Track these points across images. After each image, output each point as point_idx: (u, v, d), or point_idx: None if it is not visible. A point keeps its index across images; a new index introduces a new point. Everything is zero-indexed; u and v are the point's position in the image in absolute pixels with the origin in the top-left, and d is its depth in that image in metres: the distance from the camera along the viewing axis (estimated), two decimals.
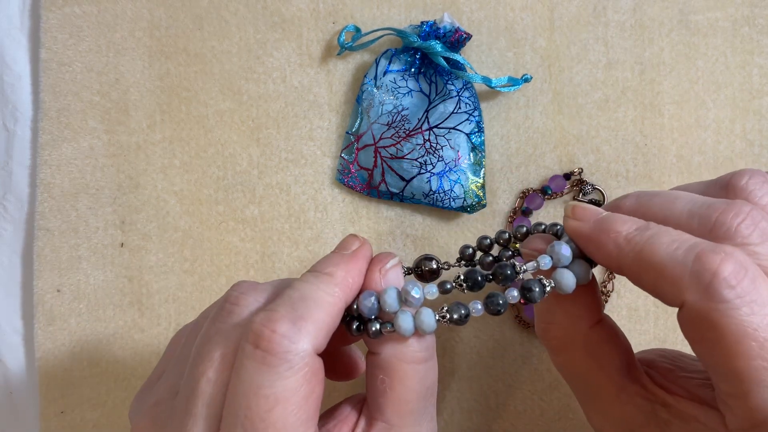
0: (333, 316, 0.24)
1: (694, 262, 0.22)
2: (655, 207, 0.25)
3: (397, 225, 0.42)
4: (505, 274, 0.25)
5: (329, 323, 0.24)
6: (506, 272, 0.25)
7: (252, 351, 0.22)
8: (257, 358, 0.22)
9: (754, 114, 0.41)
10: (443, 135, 0.40)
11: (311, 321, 0.23)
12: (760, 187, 0.24)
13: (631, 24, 0.42)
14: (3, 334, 0.43)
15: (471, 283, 0.25)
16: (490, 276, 0.26)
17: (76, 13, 0.43)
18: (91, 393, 0.42)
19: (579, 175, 0.41)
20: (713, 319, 0.21)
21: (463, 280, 0.26)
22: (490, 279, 0.26)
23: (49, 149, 0.43)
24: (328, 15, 0.43)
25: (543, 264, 0.25)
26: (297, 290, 0.24)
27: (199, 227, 0.42)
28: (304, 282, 0.25)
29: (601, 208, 0.26)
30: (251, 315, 0.25)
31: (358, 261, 0.26)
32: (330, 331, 0.24)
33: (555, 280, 0.25)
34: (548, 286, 0.25)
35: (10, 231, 0.44)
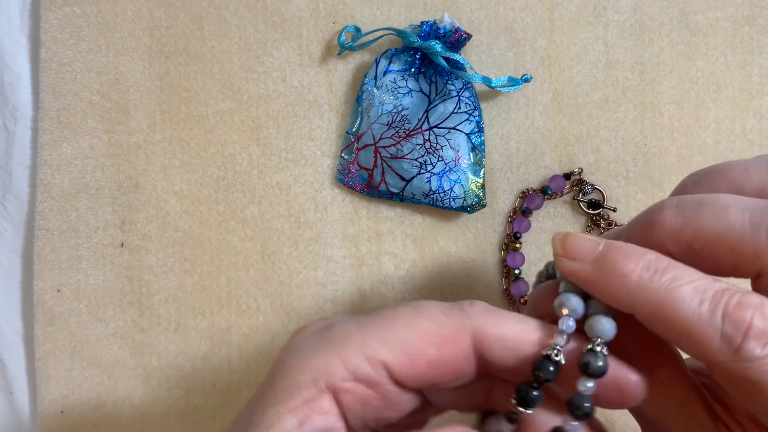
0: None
1: (723, 321, 0.20)
2: (706, 223, 0.21)
3: (397, 225, 0.42)
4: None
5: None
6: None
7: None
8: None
9: (754, 114, 0.41)
10: (443, 135, 0.40)
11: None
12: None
13: (631, 24, 0.42)
14: (3, 334, 0.43)
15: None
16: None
17: (76, 13, 0.43)
18: (91, 393, 0.42)
19: (579, 175, 0.41)
20: (749, 376, 0.20)
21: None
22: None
23: (49, 149, 0.43)
24: (328, 15, 0.43)
25: (568, 327, 0.22)
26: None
27: (199, 227, 0.42)
28: None
29: (618, 229, 0.23)
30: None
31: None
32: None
33: (590, 332, 0.22)
34: (600, 348, 0.22)
35: (10, 231, 0.44)
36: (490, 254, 0.42)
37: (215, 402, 0.42)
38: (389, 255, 0.42)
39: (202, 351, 0.42)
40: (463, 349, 0.22)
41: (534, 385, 0.22)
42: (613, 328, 0.22)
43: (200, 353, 0.42)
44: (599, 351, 0.21)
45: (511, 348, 0.22)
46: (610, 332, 0.22)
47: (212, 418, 0.41)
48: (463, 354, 0.22)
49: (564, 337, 0.22)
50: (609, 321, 0.22)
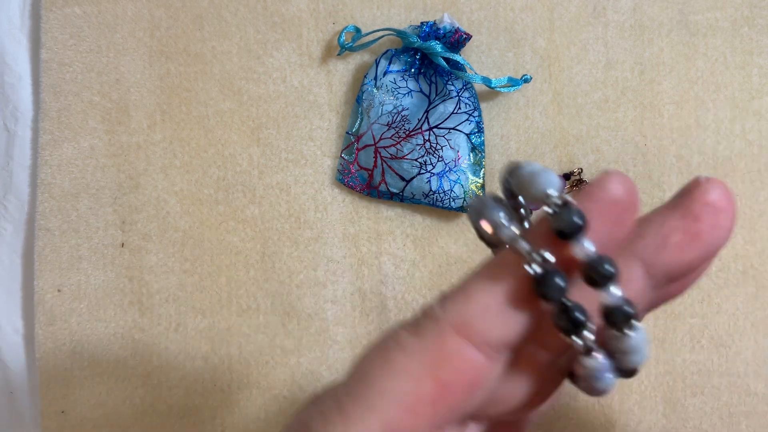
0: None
1: None
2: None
3: (397, 225, 0.42)
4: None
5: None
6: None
7: None
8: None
9: (754, 114, 0.41)
10: (443, 135, 0.40)
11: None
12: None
13: (630, 24, 0.42)
14: (3, 333, 0.43)
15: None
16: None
17: (76, 14, 0.43)
18: (91, 393, 0.42)
19: (579, 175, 0.41)
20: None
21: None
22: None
23: (49, 149, 0.43)
24: (328, 15, 0.43)
25: (507, 235, 0.18)
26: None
27: (200, 227, 0.42)
28: None
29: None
30: None
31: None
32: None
33: (535, 193, 0.18)
34: (560, 202, 0.17)
35: (11, 231, 0.44)
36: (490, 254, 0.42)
37: (215, 402, 0.42)
38: (389, 255, 0.42)
39: (202, 351, 0.42)
40: (459, 357, 0.18)
41: (562, 311, 0.17)
42: (557, 178, 0.18)
43: (200, 353, 0.42)
44: (559, 205, 0.17)
45: (501, 312, 0.18)
46: (555, 181, 0.18)
47: (212, 418, 0.41)
48: (463, 361, 0.18)
49: (521, 244, 0.17)
50: (549, 172, 0.18)
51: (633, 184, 0.18)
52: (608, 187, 0.17)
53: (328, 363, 0.41)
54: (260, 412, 0.41)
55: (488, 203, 0.18)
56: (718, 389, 0.40)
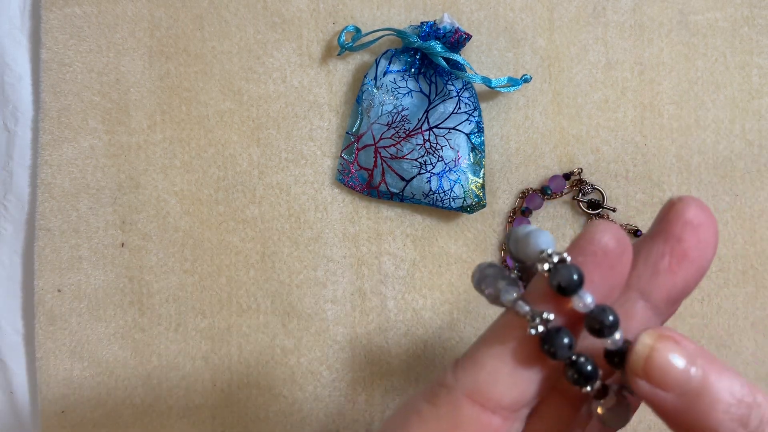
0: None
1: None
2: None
3: (397, 225, 0.42)
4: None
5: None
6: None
7: None
8: None
9: (754, 114, 0.41)
10: (443, 135, 0.40)
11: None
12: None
13: (630, 24, 0.42)
14: (4, 333, 0.43)
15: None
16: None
17: (76, 14, 0.43)
18: (91, 393, 0.42)
19: (579, 175, 0.41)
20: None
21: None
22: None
23: (49, 149, 0.43)
24: (328, 15, 0.43)
25: (509, 300, 0.19)
26: None
27: (200, 227, 0.42)
28: None
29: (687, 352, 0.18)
30: None
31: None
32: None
33: (531, 252, 0.19)
34: (555, 258, 0.18)
35: (11, 231, 0.44)
36: (490, 254, 0.42)
37: (215, 402, 0.42)
38: (389, 255, 0.42)
39: (202, 351, 0.42)
40: (475, 424, 0.18)
41: (571, 366, 0.18)
42: (551, 238, 0.19)
43: (200, 353, 0.42)
44: (555, 262, 0.18)
45: (511, 374, 0.18)
46: (550, 242, 0.18)
47: (212, 418, 0.41)
48: (479, 428, 0.18)
49: (520, 306, 0.18)
50: (542, 233, 0.19)
51: (622, 232, 0.18)
52: (598, 239, 0.18)
53: (328, 363, 0.41)
54: (260, 412, 0.41)
55: (487, 271, 0.19)
56: None
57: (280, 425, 0.41)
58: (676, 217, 0.19)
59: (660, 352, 0.18)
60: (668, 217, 0.19)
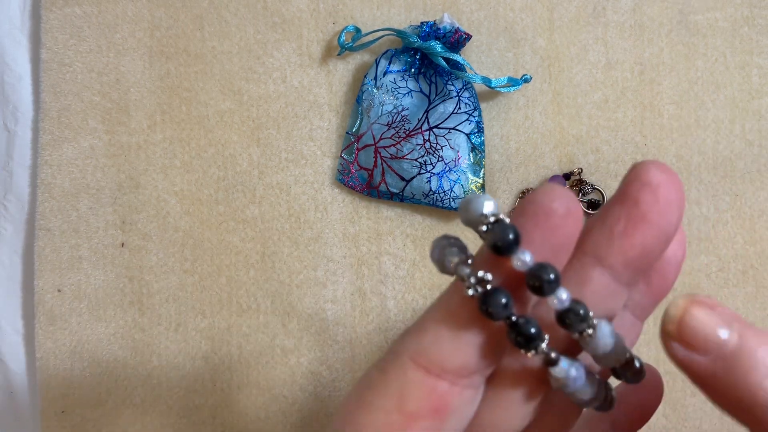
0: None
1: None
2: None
3: (397, 225, 0.42)
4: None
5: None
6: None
7: None
8: None
9: (754, 114, 0.41)
10: (443, 135, 0.40)
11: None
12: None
13: (630, 24, 0.42)
14: (4, 333, 0.43)
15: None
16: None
17: (76, 14, 0.43)
18: (91, 393, 0.42)
19: (579, 175, 0.41)
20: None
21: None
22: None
23: (49, 149, 0.43)
24: (328, 15, 0.43)
25: (450, 262, 0.18)
26: None
27: (200, 227, 0.42)
28: None
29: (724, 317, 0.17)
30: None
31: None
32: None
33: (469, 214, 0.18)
34: (493, 219, 0.17)
35: (11, 231, 0.44)
36: None
37: (215, 402, 0.42)
38: (389, 255, 0.42)
39: (202, 351, 0.42)
40: (421, 388, 0.18)
41: (512, 328, 0.18)
42: (492, 201, 0.18)
43: (200, 353, 0.42)
44: (491, 223, 0.17)
45: (453, 338, 0.18)
46: (491, 205, 0.18)
47: (212, 418, 0.42)
48: (425, 391, 0.18)
49: (461, 269, 0.18)
50: (484, 197, 0.18)
51: (570, 194, 0.17)
52: (540, 200, 0.17)
53: (328, 363, 0.41)
54: (260, 412, 0.41)
55: (440, 242, 0.18)
56: None
57: (280, 425, 0.41)
58: (634, 178, 0.18)
59: (694, 314, 0.17)
60: (626, 180, 0.18)
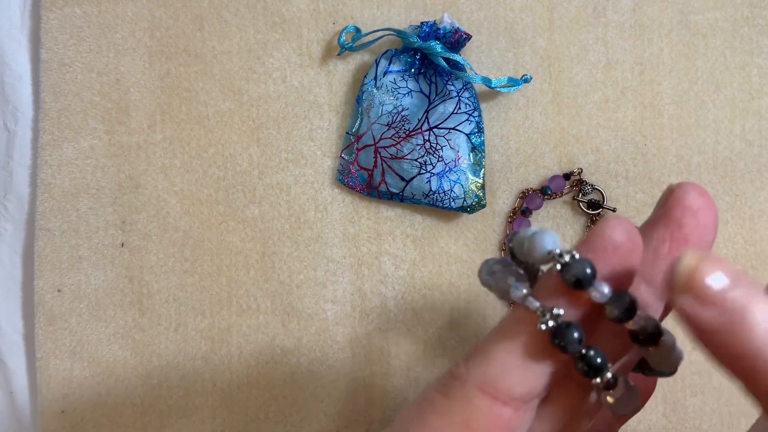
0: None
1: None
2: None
3: (397, 225, 0.42)
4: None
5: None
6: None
7: None
8: None
9: (754, 114, 0.41)
10: (443, 135, 0.40)
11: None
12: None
13: (630, 24, 0.42)
14: (3, 333, 0.43)
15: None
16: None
17: (76, 14, 0.43)
18: (91, 393, 0.42)
19: (579, 176, 0.41)
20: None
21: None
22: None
23: (49, 149, 0.43)
24: (328, 15, 0.43)
25: (518, 296, 0.19)
26: None
27: (200, 227, 0.42)
28: None
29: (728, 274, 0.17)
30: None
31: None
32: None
33: (538, 252, 0.19)
34: (566, 256, 0.19)
35: (11, 231, 0.44)
36: (490, 254, 0.42)
37: (215, 402, 0.42)
38: (389, 255, 0.42)
39: (202, 351, 0.42)
40: (487, 415, 0.19)
41: (581, 359, 0.19)
42: (556, 237, 0.19)
43: (200, 353, 0.42)
44: (566, 258, 0.18)
45: (521, 368, 0.19)
46: (556, 241, 0.19)
47: (212, 418, 0.42)
48: (491, 418, 0.19)
49: (531, 302, 0.19)
50: (547, 233, 0.19)
51: (633, 227, 0.19)
52: (608, 234, 0.18)
53: (328, 363, 0.41)
54: (260, 412, 0.41)
55: (494, 267, 0.20)
56: (718, 389, 0.40)
57: (280, 425, 0.41)
58: (676, 202, 0.19)
59: (704, 267, 0.17)
60: (668, 203, 0.19)
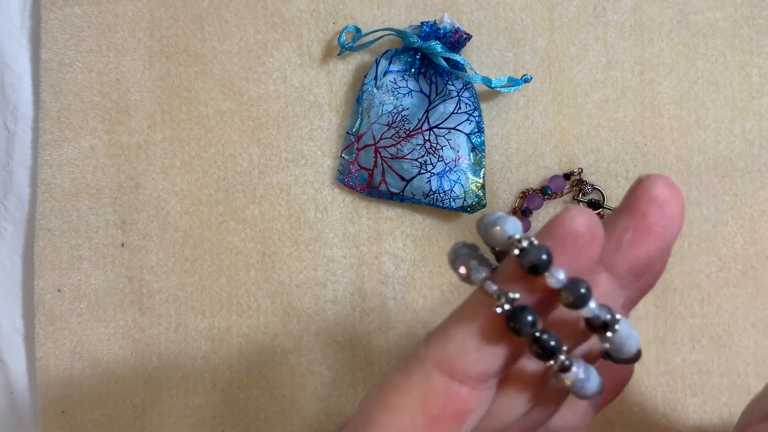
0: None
1: None
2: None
3: (397, 225, 0.42)
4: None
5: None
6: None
7: None
8: None
9: (754, 114, 0.41)
10: (443, 135, 0.40)
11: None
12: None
13: (630, 24, 0.42)
14: (4, 333, 0.43)
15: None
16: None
17: (76, 14, 0.43)
18: (91, 393, 0.42)
19: (579, 175, 0.41)
20: None
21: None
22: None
23: (49, 149, 0.43)
24: (328, 15, 0.43)
25: (478, 277, 0.20)
26: None
27: (200, 227, 0.42)
28: None
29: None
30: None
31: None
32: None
33: (499, 238, 0.20)
34: (525, 242, 0.19)
35: (11, 231, 0.44)
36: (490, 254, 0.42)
37: (215, 402, 0.42)
38: (389, 255, 0.42)
39: (202, 351, 0.42)
40: (445, 393, 0.19)
41: (536, 342, 0.19)
42: (518, 223, 0.20)
43: (200, 353, 0.42)
44: (524, 244, 0.19)
45: (478, 348, 0.19)
46: (517, 227, 0.19)
47: (212, 418, 0.41)
48: (448, 396, 0.19)
49: (489, 285, 0.19)
50: (509, 219, 0.20)
51: (594, 217, 0.19)
52: (568, 224, 0.19)
53: (328, 363, 0.41)
54: (260, 412, 0.41)
55: (461, 251, 0.20)
56: (719, 389, 0.40)
57: (280, 425, 0.41)
58: (642, 193, 0.20)
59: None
60: (635, 194, 0.20)
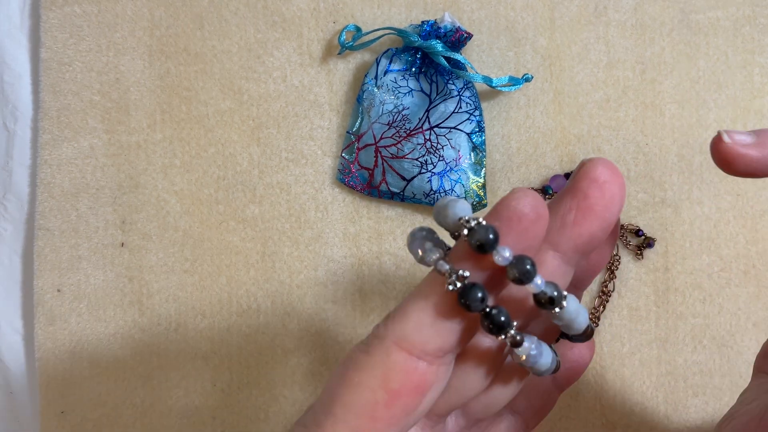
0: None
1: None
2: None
3: (397, 225, 0.42)
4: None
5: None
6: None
7: None
8: None
9: (756, 114, 0.41)
10: (444, 134, 0.40)
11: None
12: None
13: (632, 23, 0.42)
14: (3, 334, 0.43)
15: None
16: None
17: (76, 13, 0.43)
18: (91, 393, 0.42)
19: None
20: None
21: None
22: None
23: (49, 149, 0.43)
24: (328, 14, 0.43)
25: (431, 259, 0.21)
26: None
27: (200, 227, 0.42)
28: None
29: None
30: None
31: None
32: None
33: (450, 219, 0.21)
34: (472, 223, 0.20)
35: (11, 231, 0.44)
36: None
37: (215, 402, 0.41)
38: (390, 255, 0.42)
39: (202, 351, 0.42)
40: (403, 368, 0.20)
41: (486, 317, 0.20)
42: (467, 206, 0.21)
43: (200, 353, 0.42)
44: (472, 224, 0.20)
45: (433, 325, 0.20)
46: (467, 209, 0.21)
47: (212, 419, 0.41)
48: (407, 371, 0.21)
49: (441, 265, 0.20)
50: (459, 201, 0.21)
51: (539, 199, 0.20)
52: (513, 205, 0.20)
53: (328, 363, 0.41)
54: (260, 412, 0.41)
55: (417, 234, 0.21)
56: (720, 390, 0.40)
57: (280, 425, 0.41)
58: (584, 175, 0.21)
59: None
60: (577, 176, 0.21)
